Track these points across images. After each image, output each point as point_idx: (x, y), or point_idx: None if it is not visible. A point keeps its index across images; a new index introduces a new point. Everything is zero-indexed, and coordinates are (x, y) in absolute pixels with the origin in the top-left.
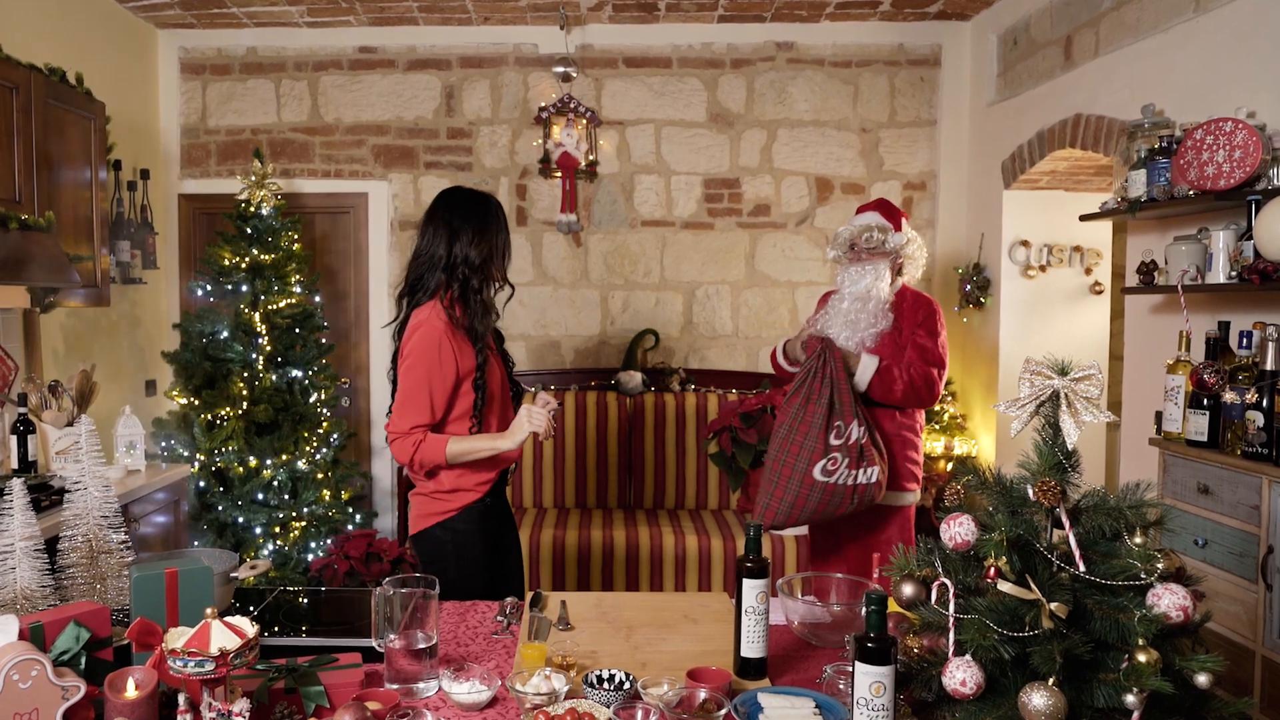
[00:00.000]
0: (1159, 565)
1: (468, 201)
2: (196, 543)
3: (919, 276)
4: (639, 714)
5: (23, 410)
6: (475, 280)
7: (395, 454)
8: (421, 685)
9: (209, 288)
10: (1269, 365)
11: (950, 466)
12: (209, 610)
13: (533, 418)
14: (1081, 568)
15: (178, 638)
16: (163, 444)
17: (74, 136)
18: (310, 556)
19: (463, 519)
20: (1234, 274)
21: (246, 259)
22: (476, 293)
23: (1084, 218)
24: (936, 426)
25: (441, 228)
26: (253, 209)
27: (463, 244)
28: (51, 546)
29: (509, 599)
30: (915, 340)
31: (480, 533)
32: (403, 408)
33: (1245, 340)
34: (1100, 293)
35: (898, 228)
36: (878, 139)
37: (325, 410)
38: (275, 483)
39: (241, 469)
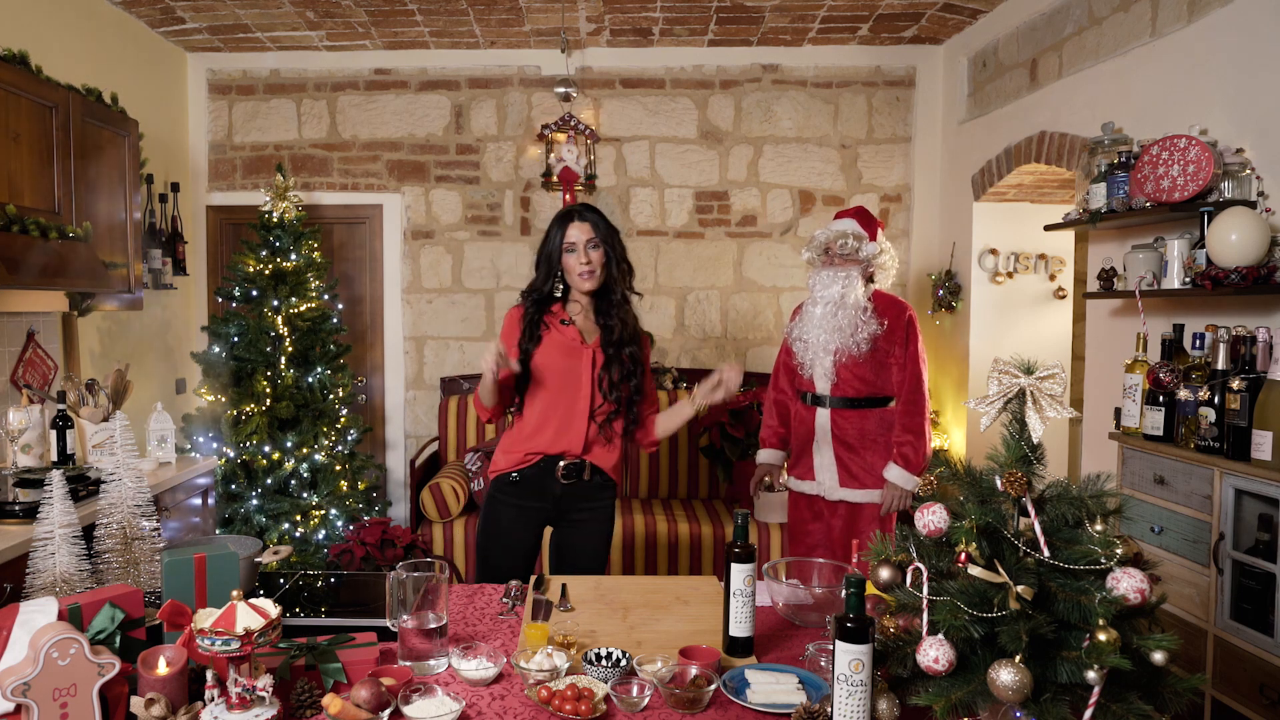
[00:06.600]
0: (1118, 551)
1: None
2: (221, 530)
3: (889, 285)
4: (635, 689)
5: (62, 407)
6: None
7: None
8: (433, 662)
9: (235, 293)
10: (1220, 365)
11: None
12: (235, 593)
13: (484, 357)
14: (1046, 553)
15: (206, 618)
16: (192, 438)
17: (109, 152)
18: (329, 542)
19: (496, 485)
20: (1188, 280)
21: (269, 266)
22: (528, 296)
23: (1048, 228)
24: None
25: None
26: (275, 219)
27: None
28: (88, 533)
29: (513, 582)
30: (907, 365)
31: (507, 505)
32: None
33: (1198, 342)
34: (1063, 297)
35: (873, 237)
36: (856, 154)
37: (343, 407)
38: (297, 474)
39: (265, 461)
